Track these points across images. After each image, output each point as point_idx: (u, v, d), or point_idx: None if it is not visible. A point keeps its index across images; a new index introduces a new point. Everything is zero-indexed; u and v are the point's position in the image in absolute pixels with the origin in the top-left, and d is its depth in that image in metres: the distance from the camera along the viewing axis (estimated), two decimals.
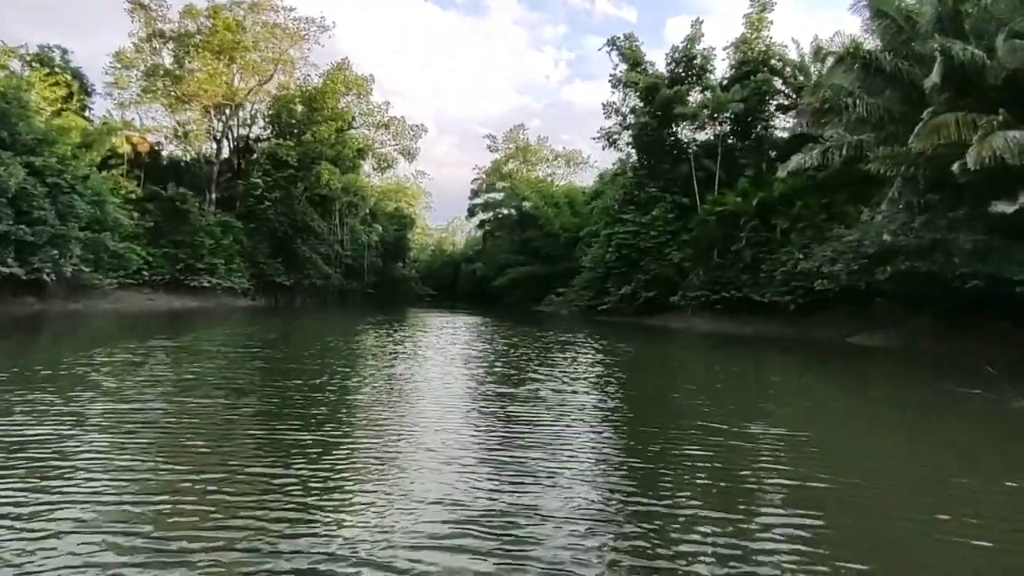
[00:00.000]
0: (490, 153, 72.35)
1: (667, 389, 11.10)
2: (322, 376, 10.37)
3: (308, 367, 11.84)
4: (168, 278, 37.08)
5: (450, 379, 10.95)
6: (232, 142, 50.67)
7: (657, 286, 30.27)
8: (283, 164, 43.20)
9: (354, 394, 9.14)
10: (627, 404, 9.21)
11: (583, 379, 11.29)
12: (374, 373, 11.74)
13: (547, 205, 59.51)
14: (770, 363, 16.38)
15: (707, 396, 9.94)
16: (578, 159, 68.62)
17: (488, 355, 15.32)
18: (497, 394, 9.35)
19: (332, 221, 53.15)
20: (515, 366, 12.96)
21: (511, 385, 10.20)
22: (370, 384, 10.16)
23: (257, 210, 43.31)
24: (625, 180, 34.44)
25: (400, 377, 11.20)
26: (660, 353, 18.26)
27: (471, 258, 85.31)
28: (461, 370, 12.38)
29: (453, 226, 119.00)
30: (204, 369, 11.20)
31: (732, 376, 13.00)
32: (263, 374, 10.74)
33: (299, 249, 46.78)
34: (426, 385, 10.28)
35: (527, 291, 62.08)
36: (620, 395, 10.00)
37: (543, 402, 8.57)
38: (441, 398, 8.93)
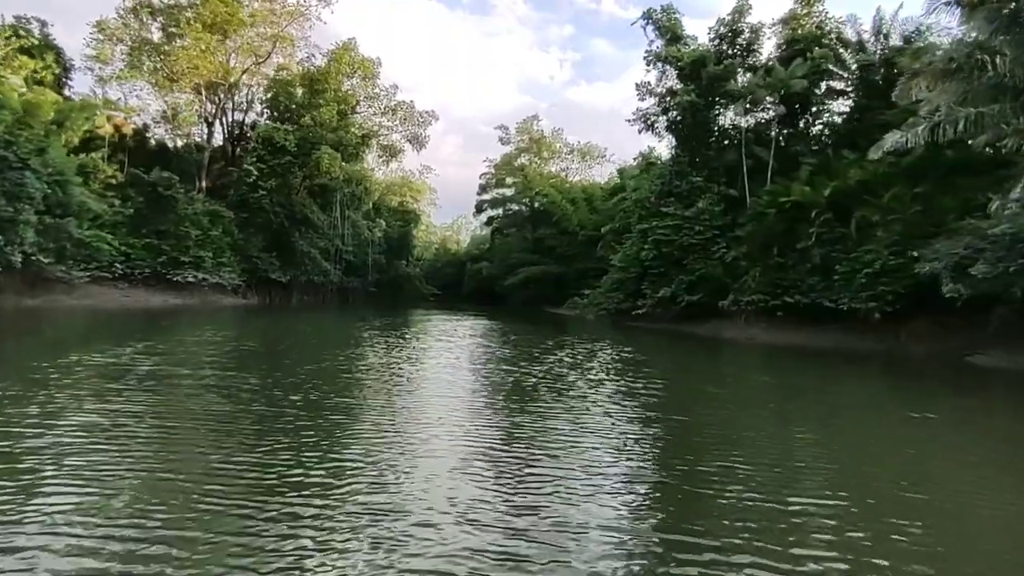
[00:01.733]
0: (500, 147, 68.39)
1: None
2: (304, 440, 6.50)
3: (282, 422, 7.95)
4: (148, 272, 33.23)
5: (482, 439, 7.08)
6: (226, 127, 46.92)
7: (703, 289, 26.36)
8: (280, 149, 39.34)
9: (356, 476, 5.28)
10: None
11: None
12: (382, 425, 7.85)
13: (564, 200, 55.60)
14: (884, 394, 12.50)
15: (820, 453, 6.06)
16: (595, 153, 64.63)
17: (521, 385, 11.42)
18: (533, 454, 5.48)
19: (332, 214, 49.28)
20: (564, 404, 9.09)
21: (558, 448, 6.36)
22: (378, 453, 6.28)
23: (250, 199, 39.46)
24: (663, 169, 30.52)
25: (416, 437, 7.32)
26: (731, 380, 14.35)
27: (477, 257, 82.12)
28: (495, 422, 8.52)
29: (458, 224, 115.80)
30: (113, 411, 7.32)
31: (847, 424, 9.12)
32: (209, 435, 6.83)
33: (296, 243, 42.93)
34: (452, 454, 6.42)
35: (540, 292, 58.38)
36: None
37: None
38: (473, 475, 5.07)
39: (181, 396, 8.22)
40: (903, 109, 25.34)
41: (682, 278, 26.96)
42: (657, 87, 31.29)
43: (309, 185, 49.95)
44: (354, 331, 21.25)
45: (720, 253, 26.46)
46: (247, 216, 39.83)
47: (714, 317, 26.28)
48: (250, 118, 48.19)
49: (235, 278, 37.69)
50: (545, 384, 10.55)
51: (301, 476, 4.98)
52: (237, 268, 38.15)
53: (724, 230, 27.21)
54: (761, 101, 26.39)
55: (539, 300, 58.73)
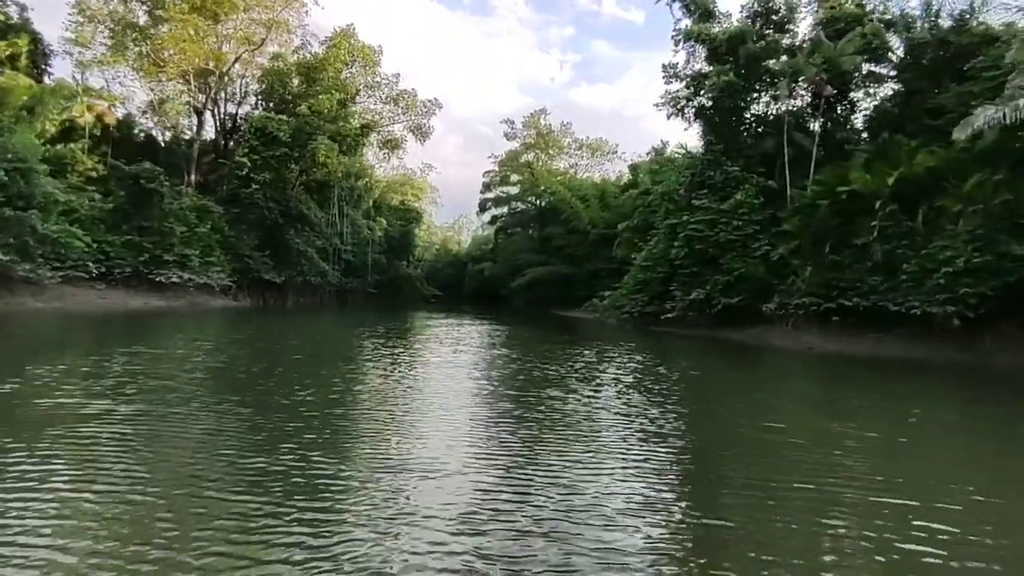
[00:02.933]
0: (504, 145, 65.70)
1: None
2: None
3: (269, 463, 5.20)
4: (129, 272, 30.46)
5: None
6: (218, 119, 44.20)
7: (742, 290, 23.63)
8: (274, 140, 36.60)
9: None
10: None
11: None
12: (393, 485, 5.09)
13: (573, 198, 52.89)
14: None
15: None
16: (605, 149, 61.92)
17: (553, 414, 8.71)
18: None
19: (330, 211, 46.58)
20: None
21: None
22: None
23: (242, 194, 36.71)
24: (691, 159, 27.76)
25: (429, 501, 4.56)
26: (832, 403, 11.64)
27: (478, 258, 79.94)
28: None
29: (459, 224, 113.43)
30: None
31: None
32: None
33: (291, 241, 40.18)
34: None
35: (546, 293, 55.68)
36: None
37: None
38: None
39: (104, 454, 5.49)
40: (959, 92, 22.88)
41: (718, 278, 24.22)
42: (684, 69, 28.59)
43: (306, 181, 47.27)
44: (353, 340, 18.53)
45: (762, 250, 23.74)
46: (238, 212, 37.08)
47: (755, 322, 23.56)
48: (244, 110, 45.50)
49: (224, 278, 34.91)
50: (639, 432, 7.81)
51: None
52: (227, 268, 35.38)
53: (764, 225, 24.49)
54: (810, 81, 23.63)
55: (545, 302, 56.08)
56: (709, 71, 26.97)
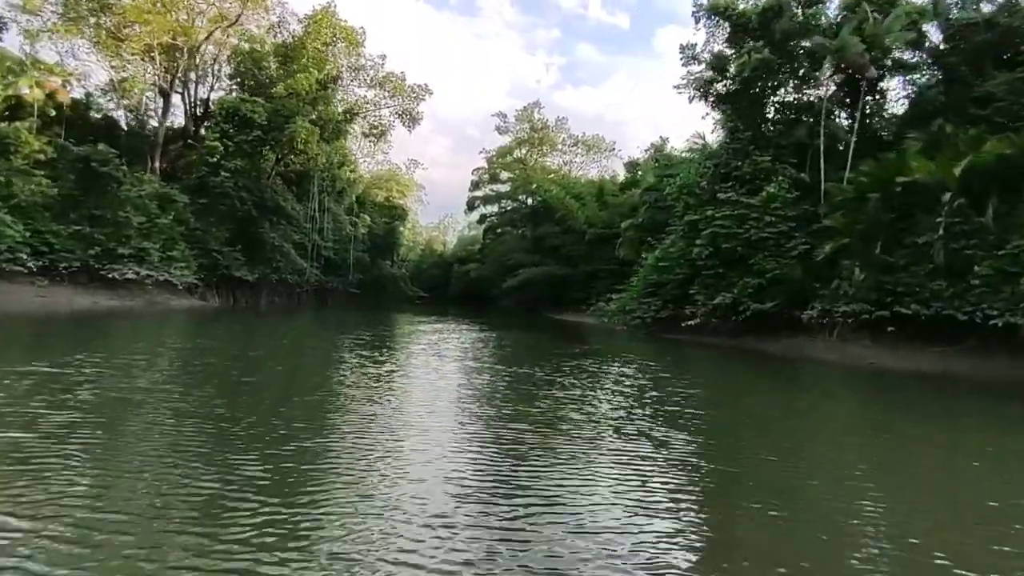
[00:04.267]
0: (495, 141, 62.67)
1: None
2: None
3: None
4: (77, 267, 26.86)
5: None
6: (188, 102, 40.53)
7: (777, 294, 20.90)
8: (247, 123, 33.15)
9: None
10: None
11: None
12: None
13: (568, 196, 50.07)
14: None
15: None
16: (601, 146, 59.22)
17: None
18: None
19: (310, 204, 43.15)
20: None
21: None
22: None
23: (211, 182, 33.18)
24: (713, 149, 24.96)
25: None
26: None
27: (465, 258, 77.14)
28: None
29: (445, 224, 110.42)
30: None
31: None
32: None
33: (266, 236, 36.72)
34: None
35: (539, 295, 52.80)
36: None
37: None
38: None
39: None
40: (1012, 79, 20.47)
41: (747, 280, 21.44)
42: (704, 50, 25.85)
43: (283, 171, 43.86)
44: (334, 351, 15.36)
45: (798, 249, 21.01)
46: (207, 202, 33.54)
47: (790, 331, 20.83)
48: (218, 96, 41.83)
49: (189, 275, 31.37)
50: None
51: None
52: (192, 263, 31.84)
53: (799, 222, 21.80)
54: (852, 61, 20.97)
55: (537, 304, 53.21)
56: (731, 53, 24.29)
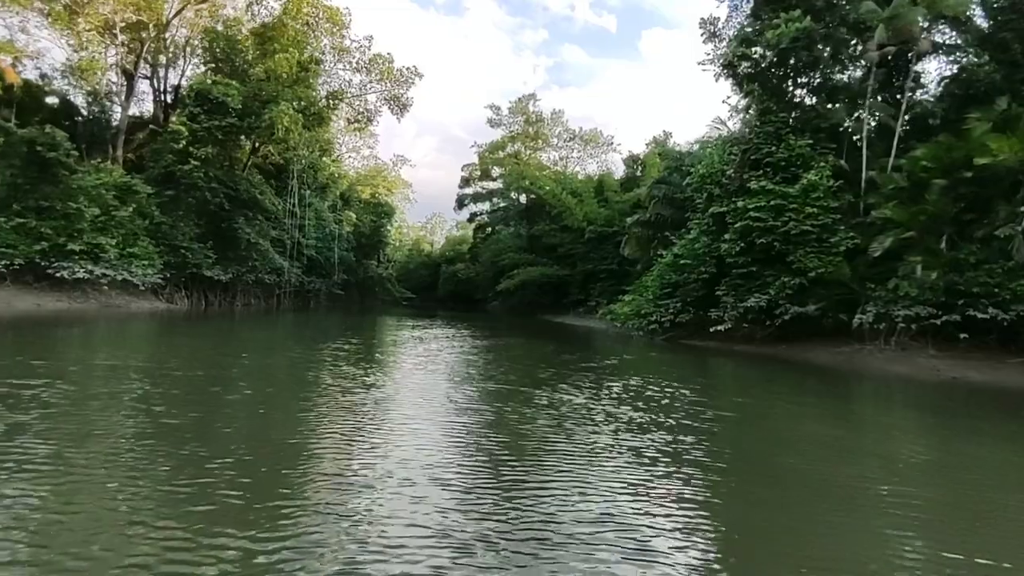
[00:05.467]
0: (485, 137, 59.85)
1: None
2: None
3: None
4: (20, 264, 23.64)
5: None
6: (157, 86, 37.25)
7: (821, 296, 18.36)
8: (220, 107, 29.99)
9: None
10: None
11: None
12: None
13: (565, 193, 47.49)
14: None
15: None
16: (599, 140, 56.66)
17: None
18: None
19: (290, 199, 39.98)
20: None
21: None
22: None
23: (178, 172, 29.95)
24: (742, 133, 22.33)
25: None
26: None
27: (453, 258, 74.59)
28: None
29: (432, 224, 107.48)
30: None
31: None
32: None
33: (241, 232, 33.53)
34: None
35: (534, 297, 50.16)
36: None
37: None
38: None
39: None
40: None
41: (785, 280, 18.87)
42: (727, 26, 23.38)
43: (261, 162, 40.71)
44: (312, 367, 12.46)
45: (844, 245, 18.48)
46: (174, 194, 30.31)
47: (837, 338, 18.29)
48: (190, 82, 38.54)
49: (153, 274, 28.15)
50: None
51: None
52: (156, 261, 28.61)
53: (843, 213, 19.30)
54: (905, 31, 18.49)
55: (531, 307, 50.58)
56: (760, 24, 21.75)
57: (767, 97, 20.98)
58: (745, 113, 22.69)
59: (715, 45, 23.40)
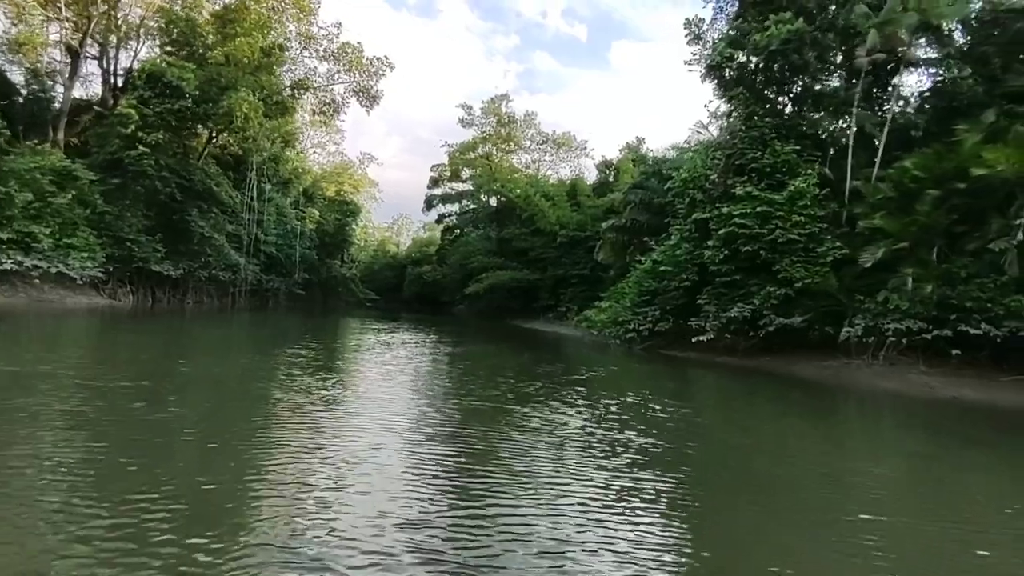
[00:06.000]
0: (454, 137, 58.44)
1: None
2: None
3: None
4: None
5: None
6: (107, 70, 34.73)
7: (808, 307, 17.71)
8: (174, 91, 27.93)
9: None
10: None
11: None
12: None
13: (538, 196, 46.53)
14: None
15: None
16: (572, 144, 55.98)
17: None
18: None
19: (249, 192, 37.89)
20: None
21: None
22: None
23: (126, 159, 27.76)
24: (725, 138, 21.65)
25: None
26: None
27: (420, 260, 73.12)
28: None
29: (399, 225, 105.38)
30: None
31: None
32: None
33: (194, 225, 31.42)
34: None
35: (504, 302, 48.99)
36: None
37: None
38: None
39: None
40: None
41: (770, 290, 18.19)
42: (711, 28, 22.77)
43: (219, 153, 38.53)
44: (262, 377, 11.00)
45: (832, 255, 17.90)
46: (120, 182, 28.10)
47: (823, 351, 17.66)
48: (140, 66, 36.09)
49: (93, 267, 25.91)
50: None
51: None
52: (98, 254, 26.38)
53: (828, 223, 18.76)
54: (893, 38, 18.08)
55: (500, 311, 49.41)
56: (742, 27, 21.14)
57: (753, 101, 20.33)
58: (729, 117, 22.03)
59: (700, 47, 22.70)
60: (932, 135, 19.21)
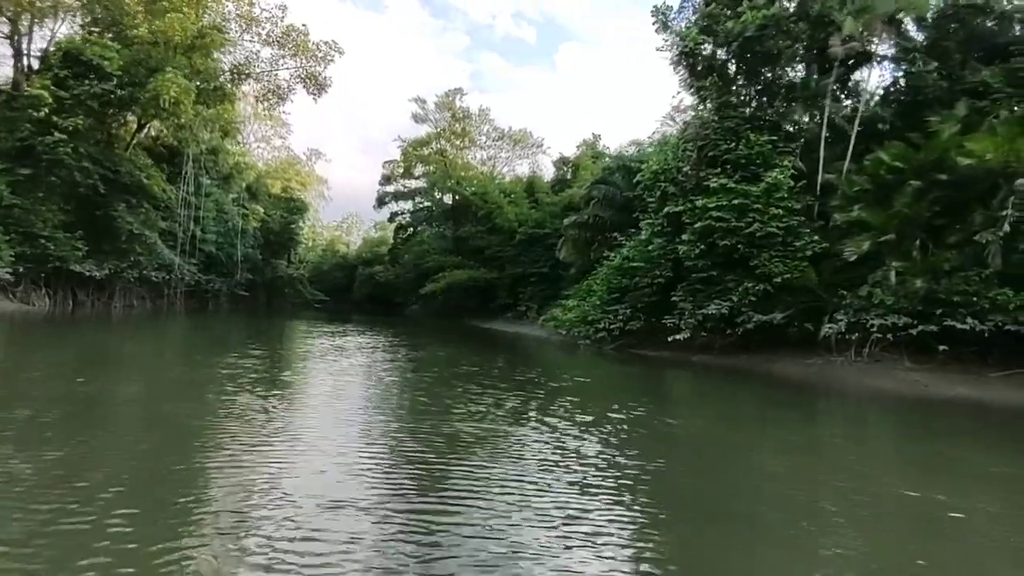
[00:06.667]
0: (415, 126, 56.31)
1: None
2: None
3: None
4: None
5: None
6: (19, 51, 31.20)
7: (788, 303, 17.02)
8: (94, 72, 25.11)
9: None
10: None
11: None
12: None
13: (498, 193, 45.27)
14: None
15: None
16: (529, 141, 54.87)
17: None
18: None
19: (186, 186, 34.99)
20: None
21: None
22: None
23: (39, 146, 24.78)
24: (696, 129, 20.80)
25: None
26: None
27: (371, 260, 70.77)
28: None
29: (348, 224, 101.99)
30: None
31: None
32: None
33: (121, 221, 28.50)
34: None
35: (461, 301, 47.41)
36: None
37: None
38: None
39: None
40: (1007, 68, 18.19)
41: (748, 286, 17.42)
42: (679, 17, 21.94)
43: (152, 144, 35.48)
44: (186, 397, 9.17)
45: (810, 249, 17.27)
46: (32, 172, 25.05)
47: (803, 348, 17.00)
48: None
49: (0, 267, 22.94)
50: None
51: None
52: (5, 252, 23.38)
53: (806, 216, 18.18)
54: (870, 26, 17.62)
55: (456, 311, 47.82)
56: (713, 12, 20.36)
57: (726, 91, 19.58)
58: (699, 107, 21.25)
59: (667, 36, 21.79)
60: (898, 129, 19.00)
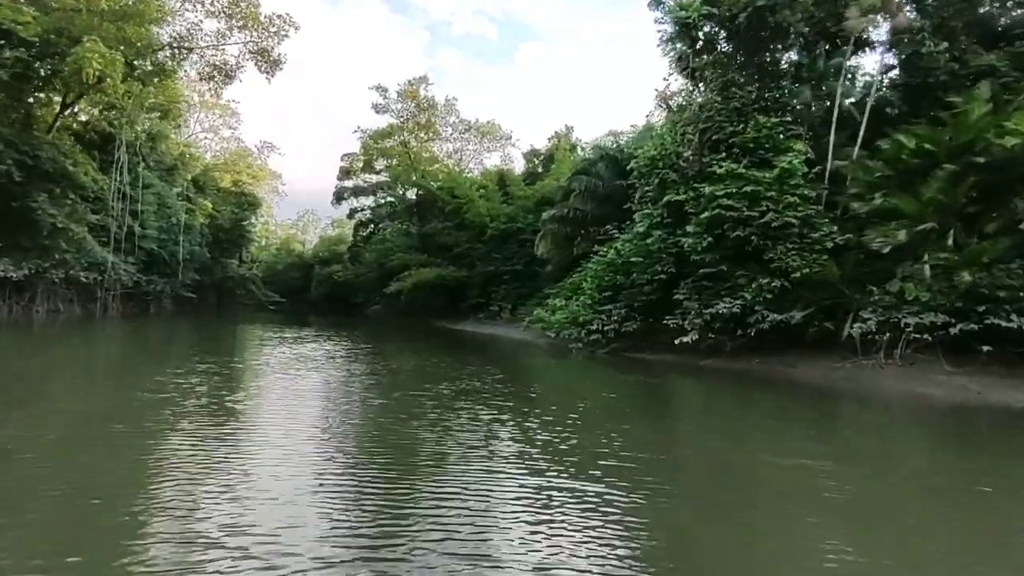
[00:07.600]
0: (376, 117, 53.38)
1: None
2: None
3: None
4: None
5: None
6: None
7: (809, 301, 15.43)
8: (4, 38, 21.62)
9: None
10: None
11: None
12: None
13: (471, 186, 43.05)
14: None
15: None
16: (497, 134, 52.69)
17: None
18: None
19: (120, 176, 31.39)
20: None
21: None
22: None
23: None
24: (695, 111, 19.05)
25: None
26: None
27: (328, 259, 67.77)
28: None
29: (304, 222, 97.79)
30: None
31: None
32: None
33: (42, 213, 24.90)
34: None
35: (427, 301, 44.93)
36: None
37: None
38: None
39: None
40: (1013, 52, 17.24)
41: (763, 282, 15.76)
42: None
43: (81, 129, 31.75)
44: (104, 437, 6.64)
45: (829, 241, 15.74)
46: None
47: (824, 350, 15.45)
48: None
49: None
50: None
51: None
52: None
53: (820, 204, 16.69)
54: (889, 4, 16.24)
55: (421, 311, 45.34)
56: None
57: (732, 68, 17.91)
58: (695, 89, 19.57)
59: (661, 12, 20.03)
60: (905, 114, 17.78)
